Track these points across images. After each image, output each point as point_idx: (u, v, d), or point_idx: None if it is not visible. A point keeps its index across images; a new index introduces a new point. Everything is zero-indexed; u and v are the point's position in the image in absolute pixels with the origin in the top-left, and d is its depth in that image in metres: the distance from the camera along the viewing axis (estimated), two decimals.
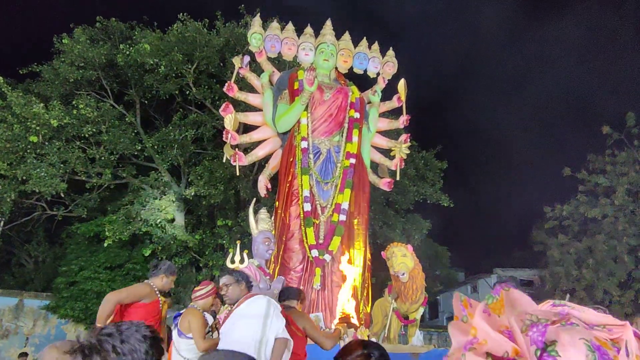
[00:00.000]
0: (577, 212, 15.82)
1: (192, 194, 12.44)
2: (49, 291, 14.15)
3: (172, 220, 13.16)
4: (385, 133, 8.22)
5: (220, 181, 12.45)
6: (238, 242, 5.00)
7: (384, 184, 7.59)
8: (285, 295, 4.08)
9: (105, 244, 12.11)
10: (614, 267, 14.39)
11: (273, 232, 6.63)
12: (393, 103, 8.02)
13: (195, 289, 4.66)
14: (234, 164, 7.13)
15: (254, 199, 6.77)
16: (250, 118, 7.61)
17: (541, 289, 17.22)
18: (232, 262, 4.86)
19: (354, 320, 4.85)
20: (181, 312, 4.61)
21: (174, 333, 4.35)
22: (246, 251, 5.11)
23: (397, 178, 7.75)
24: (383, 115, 8.13)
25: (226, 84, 7.37)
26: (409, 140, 7.81)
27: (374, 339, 5.17)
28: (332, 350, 3.62)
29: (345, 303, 5.02)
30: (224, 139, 7.12)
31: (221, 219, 13.55)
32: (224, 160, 7.24)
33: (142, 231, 12.59)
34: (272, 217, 6.87)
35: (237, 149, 7.23)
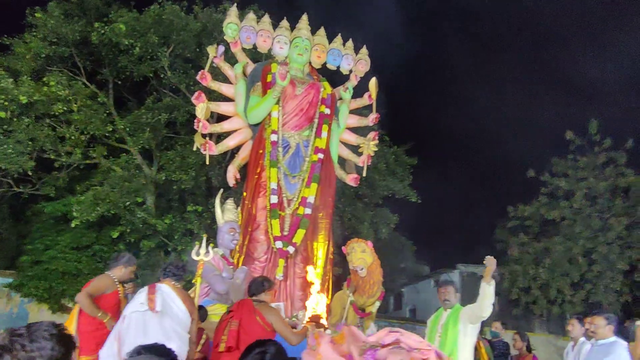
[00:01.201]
0: (537, 213, 16.46)
1: (163, 178, 12.43)
2: (13, 269, 13.98)
3: (142, 203, 13.14)
4: (355, 130, 8.40)
5: (192, 167, 12.47)
6: (204, 236, 5.12)
7: (351, 179, 7.80)
8: (252, 291, 4.25)
9: (73, 225, 12.02)
10: (568, 268, 15.08)
11: (239, 222, 6.79)
12: (364, 100, 8.19)
13: None
14: (204, 152, 7.21)
15: (221, 189, 6.90)
16: (222, 108, 7.68)
17: (500, 286, 17.89)
18: (197, 254, 4.97)
19: (324, 321, 5.06)
20: None
21: None
22: (212, 245, 5.23)
23: (364, 174, 7.96)
24: (353, 112, 8.31)
25: (200, 73, 7.41)
26: (377, 138, 8.01)
27: (329, 331, 5.39)
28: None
29: (317, 304, 5.23)
30: (195, 127, 7.19)
31: (191, 204, 13.57)
32: (194, 149, 7.31)
33: (111, 213, 12.53)
34: (239, 208, 7.02)
35: (207, 138, 7.31)
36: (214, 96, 9.77)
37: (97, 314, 4.22)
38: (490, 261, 4.07)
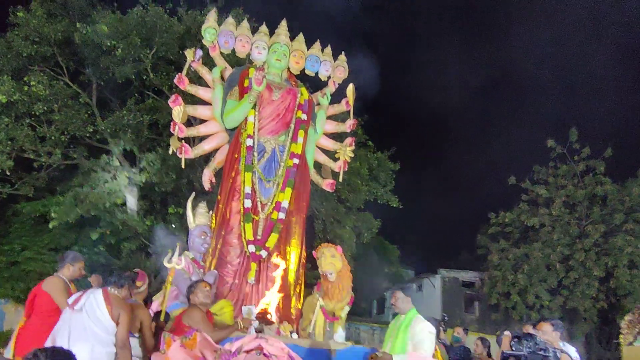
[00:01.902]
0: (518, 220, 16.68)
1: (143, 180, 12.41)
2: None
3: (123, 204, 13.10)
4: (332, 135, 8.46)
5: (173, 169, 12.47)
6: (178, 244, 5.15)
7: (327, 184, 7.86)
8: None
9: (51, 226, 11.96)
10: (546, 274, 15.29)
11: (213, 226, 6.82)
12: (342, 107, 8.25)
13: (137, 284, 4.77)
14: (180, 156, 7.24)
15: (193, 193, 6.94)
16: (199, 111, 7.70)
17: (480, 291, 18.10)
18: (170, 261, 5.00)
19: (273, 318, 5.11)
20: None
21: None
22: (185, 252, 5.26)
23: (340, 180, 8.03)
24: (331, 118, 8.37)
25: (177, 76, 7.44)
26: (354, 144, 8.08)
27: (295, 335, 5.45)
28: None
29: (269, 300, 5.28)
30: (171, 130, 7.22)
31: (173, 207, 13.55)
32: (169, 152, 7.34)
33: (91, 214, 12.48)
34: (214, 211, 7.05)
35: (183, 142, 7.34)
36: (195, 100, 9.79)
37: None
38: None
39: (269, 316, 4.95)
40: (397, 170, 16.61)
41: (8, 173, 12.24)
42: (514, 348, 2.69)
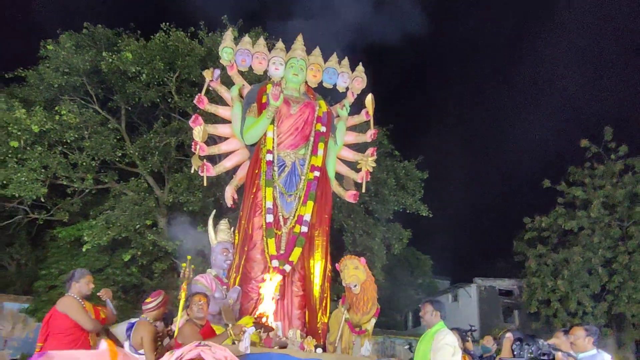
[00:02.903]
0: (555, 224, 16.09)
1: (170, 200, 12.61)
2: (31, 294, 14.29)
3: (152, 225, 13.32)
4: (355, 146, 8.39)
5: (199, 188, 12.63)
6: (189, 257, 5.16)
7: (349, 196, 7.75)
8: None
9: (84, 249, 12.26)
10: (588, 279, 14.63)
11: (236, 242, 6.82)
12: (361, 117, 8.20)
13: (146, 300, 4.80)
14: (201, 174, 7.32)
15: (213, 211, 6.96)
16: (219, 130, 7.79)
17: (518, 299, 17.50)
18: (184, 276, 5.00)
19: (272, 324, 5.05)
20: (133, 321, 4.75)
21: (126, 344, 4.52)
22: (192, 266, 5.26)
23: (363, 190, 7.92)
24: (352, 128, 8.31)
25: (196, 96, 7.57)
26: (375, 154, 7.98)
27: (319, 350, 5.33)
28: None
29: (267, 305, 5.23)
30: (192, 149, 7.32)
31: (201, 225, 13.69)
32: (191, 171, 7.42)
33: (122, 236, 12.74)
34: (236, 227, 7.06)
35: (205, 160, 7.42)
36: (216, 119, 9.92)
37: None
38: None
39: (264, 319, 4.88)
40: (424, 180, 16.32)
41: (43, 200, 12.66)
42: (515, 352, 2.53)
